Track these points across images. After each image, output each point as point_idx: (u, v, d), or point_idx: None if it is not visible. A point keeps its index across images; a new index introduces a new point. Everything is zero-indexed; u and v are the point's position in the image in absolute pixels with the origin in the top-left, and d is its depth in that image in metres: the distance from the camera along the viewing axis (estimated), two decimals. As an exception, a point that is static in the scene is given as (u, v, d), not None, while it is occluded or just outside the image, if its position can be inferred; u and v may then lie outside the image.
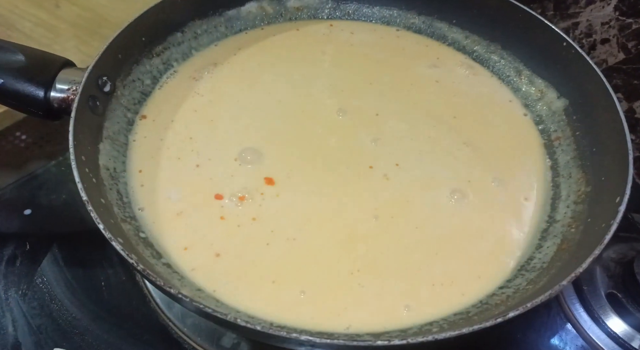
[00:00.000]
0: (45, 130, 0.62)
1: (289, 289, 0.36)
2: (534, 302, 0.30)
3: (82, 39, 0.65)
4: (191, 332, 0.44)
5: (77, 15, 0.67)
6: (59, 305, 0.46)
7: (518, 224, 0.43)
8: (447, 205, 0.43)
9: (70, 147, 0.37)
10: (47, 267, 0.49)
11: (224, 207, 0.40)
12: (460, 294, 0.38)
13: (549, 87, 0.52)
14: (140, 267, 0.30)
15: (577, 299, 0.50)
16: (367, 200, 0.42)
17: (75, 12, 0.68)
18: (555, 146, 0.49)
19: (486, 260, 0.40)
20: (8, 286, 0.47)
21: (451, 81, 0.55)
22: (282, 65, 0.55)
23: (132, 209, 0.41)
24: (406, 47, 0.59)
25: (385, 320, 0.36)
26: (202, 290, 0.36)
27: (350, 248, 0.39)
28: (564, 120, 0.49)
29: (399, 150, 0.47)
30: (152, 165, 0.43)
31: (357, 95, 0.52)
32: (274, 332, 0.28)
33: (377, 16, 0.62)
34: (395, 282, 0.37)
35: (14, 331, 0.44)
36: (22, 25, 0.65)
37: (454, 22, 0.59)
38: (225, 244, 0.38)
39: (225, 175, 0.43)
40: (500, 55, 0.57)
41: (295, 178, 0.43)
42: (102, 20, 0.68)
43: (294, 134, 0.47)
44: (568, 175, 0.46)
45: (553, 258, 0.39)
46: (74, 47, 0.64)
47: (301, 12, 0.62)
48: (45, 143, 0.61)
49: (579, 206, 0.42)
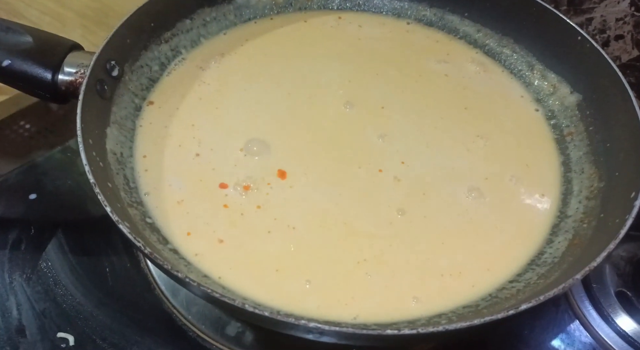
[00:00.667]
0: (50, 120, 0.62)
1: (293, 277, 0.36)
2: (547, 295, 0.30)
3: (89, 28, 0.65)
4: (196, 320, 0.44)
5: (84, 4, 0.67)
6: (63, 290, 0.46)
7: (531, 219, 0.43)
8: (464, 201, 0.43)
9: (77, 130, 0.36)
10: (51, 252, 0.48)
11: (228, 196, 0.40)
12: (470, 286, 0.37)
13: (562, 81, 0.51)
14: (148, 251, 0.30)
15: (586, 296, 0.49)
16: (377, 193, 0.42)
17: (83, 2, 0.67)
18: (568, 141, 0.48)
19: (497, 253, 0.40)
20: (13, 270, 0.47)
21: (461, 76, 0.54)
22: (289, 58, 0.54)
23: (139, 194, 0.40)
24: (415, 42, 0.58)
25: (394, 311, 0.35)
26: (208, 276, 0.36)
27: (357, 239, 0.38)
28: (576, 116, 0.49)
29: (408, 143, 0.46)
30: (156, 151, 0.43)
31: (364, 88, 0.51)
32: (282, 319, 0.28)
33: (388, 7, 0.61)
34: (404, 273, 0.37)
35: (19, 315, 0.44)
36: (30, 14, 0.65)
37: (466, 15, 0.58)
38: (228, 231, 0.38)
39: (229, 165, 0.42)
40: (512, 49, 0.56)
41: (302, 172, 0.43)
42: (109, 10, 0.68)
43: (301, 127, 0.47)
44: (580, 170, 0.45)
45: (564, 253, 0.38)
46: (80, 36, 0.63)
47: (311, 1, 0.61)
48: (50, 133, 0.61)
49: (591, 202, 0.42)
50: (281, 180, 0.42)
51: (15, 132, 0.61)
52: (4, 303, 0.45)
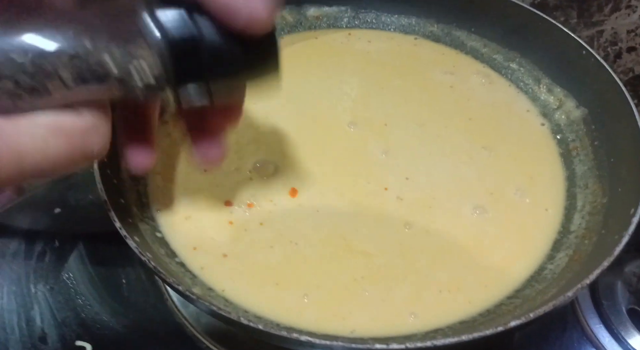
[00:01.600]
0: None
1: (291, 291, 0.37)
2: (537, 313, 0.30)
3: None
4: (205, 331, 0.46)
5: None
6: (82, 300, 0.48)
7: (533, 235, 0.43)
8: (468, 218, 0.43)
9: (93, 150, 0.39)
10: (73, 263, 0.51)
11: (233, 213, 0.41)
12: (467, 302, 0.37)
13: (568, 95, 0.51)
14: (152, 265, 0.32)
15: (595, 314, 0.48)
16: (380, 210, 0.43)
17: None
18: (573, 156, 0.48)
19: (497, 269, 0.40)
20: (37, 280, 0.50)
21: (466, 88, 0.55)
22: (300, 74, 0.56)
23: (151, 210, 0.43)
24: (422, 54, 0.59)
25: (391, 326, 0.36)
26: (212, 289, 0.38)
27: (355, 255, 0.39)
28: (582, 130, 0.49)
29: (412, 157, 0.47)
30: (168, 167, 0.45)
31: (368, 106, 0.52)
32: (275, 332, 0.29)
33: (396, 24, 0.62)
34: (402, 289, 0.38)
35: (41, 323, 0.47)
36: None
37: (473, 30, 0.59)
38: (231, 246, 0.39)
39: (234, 182, 0.44)
40: (519, 64, 0.56)
41: (306, 190, 0.44)
42: None
43: (306, 147, 0.48)
44: (585, 185, 0.45)
45: (564, 269, 0.38)
46: None
47: (320, 21, 0.63)
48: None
49: (594, 217, 0.42)
50: (290, 198, 0.43)
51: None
52: (28, 312, 0.48)
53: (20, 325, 0.46)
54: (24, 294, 0.49)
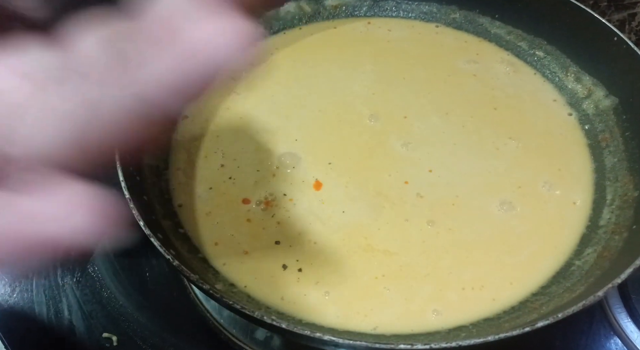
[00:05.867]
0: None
1: (312, 288, 0.37)
2: (566, 313, 0.29)
3: None
4: (227, 324, 0.46)
5: None
6: (108, 293, 0.49)
7: (561, 230, 0.42)
8: (494, 214, 0.42)
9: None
10: (98, 257, 0.52)
11: (250, 211, 0.41)
12: (491, 299, 0.37)
13: (597, 84, 0.49)
14: (176, 263, 0.32)
15: (623, 308, 0.47)
16: (401, 206, 0.42)
17: None
18: (602, 147, 0.46)
19: (523, 266, 0.39)
20: (64, 273, 0.51)
21: (490, 77, 0.53)
22: (319, 65, 0.55)
23: (173, 206, 0.43)
24: (444, 42, 0.58)
25: (413, 323, 0.36)
26: (234, 285, 0.38)
27: (376, 254, 0.39)
28: (612, 120, 0.47)
29: (433, 150, 0.46)
30: (188, 163, 0.45)
31: (388, 98, 0.51)
32: (298, 331, 0.29)
33: (416, 12, 0.61)
34: (423, 287, 0.37)
35: (69, 315, 0.48)
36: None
37: (497, 16, 0.57)
38: (251, 243, 0.39)
39: (253, 180, 0.44)
40: (545, 51, 0.54)
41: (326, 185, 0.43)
42: None
43: (328, 140, 0.47)
44: (615, 178, 0.43)
45: (593, 266, 0.37)
46: None
47: (339, 10, 0.62)
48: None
49: (624, 212, 0.40)
50: (314, 191, 0.43)
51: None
52: (57, 304, 0.49)
53: (50, 317, 0.48)
54: (53, 286, 0.50)
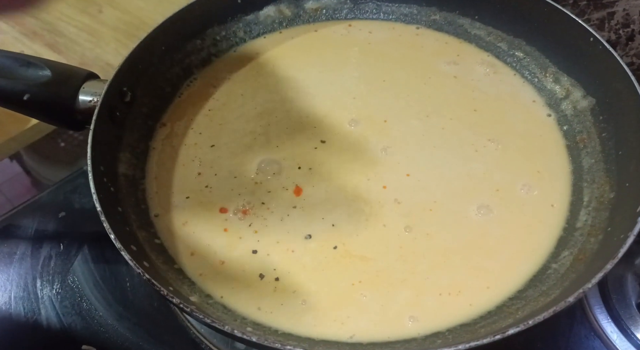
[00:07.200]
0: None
1: (289, 297, 0.37)
2: (536, 319, 0.29)
3: (121, 42, 0.68)
4: (208, 334, 0.46)
5: (117, 19, 0.70)
6: (88, 304, 0.49)
7: (538, 233, 0.41)
8: (472, 218, 0.42)
9: (87, 159, 0.39)
10: (78, 267, 0.52)
11: (228, 220, 0.41)
12: (467, 304, 0.37)
13: (575, 85, 0.49)
14: (146, 277, 0.32)
15: (604, 308, 0.47)
16: (378, 212, 0.42)
17: (116, 16, 0.70)
18: (580, 148, 0.46)
19: (500, 270, 0.39)
20: (44, 285, 0.51)
21: (470, 78, 0.53)
22: (300, 69, 0.55)
23: (149, 216, 0.43)
24: (425, 44, 0.58)
25: (389, 330, 0.36)
26: (210, 296, 0.38)
27: (352, 260, 0.39)
28: (590, 121, 0.47)
29: (412, 154, 0.46)
30: (166, 172, 0.45)
31: (370, 97, 0.51)
32: (269, 344, 0.29)
33: (397, 14, 0.61)
34: (400, 294, 0.37)
35: (48, 328, 0.48)
36: (68, 31, 0.69)
37: (476, 17, 0.57)
38: (228, 253, 0.39)
39: (229, 188, 0.43)
40: (525, 52, 0.54)
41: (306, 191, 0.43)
42: (141, 23, 0.70)
43: (308, 145, 0.47)
44: (592, 179, 0.43)
45: (568, 269, 0.37)
46: (114, 50, 0.67)
47: (319, 13, 0.61)
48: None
49: (600, 213, 0.40)
50: (294, 197, 0.42)
51: (66, 141, 0.65)
52: (36, 317, 0.48)
53: (27, 331, 0.47)
54: (32, 299, 0.49)
